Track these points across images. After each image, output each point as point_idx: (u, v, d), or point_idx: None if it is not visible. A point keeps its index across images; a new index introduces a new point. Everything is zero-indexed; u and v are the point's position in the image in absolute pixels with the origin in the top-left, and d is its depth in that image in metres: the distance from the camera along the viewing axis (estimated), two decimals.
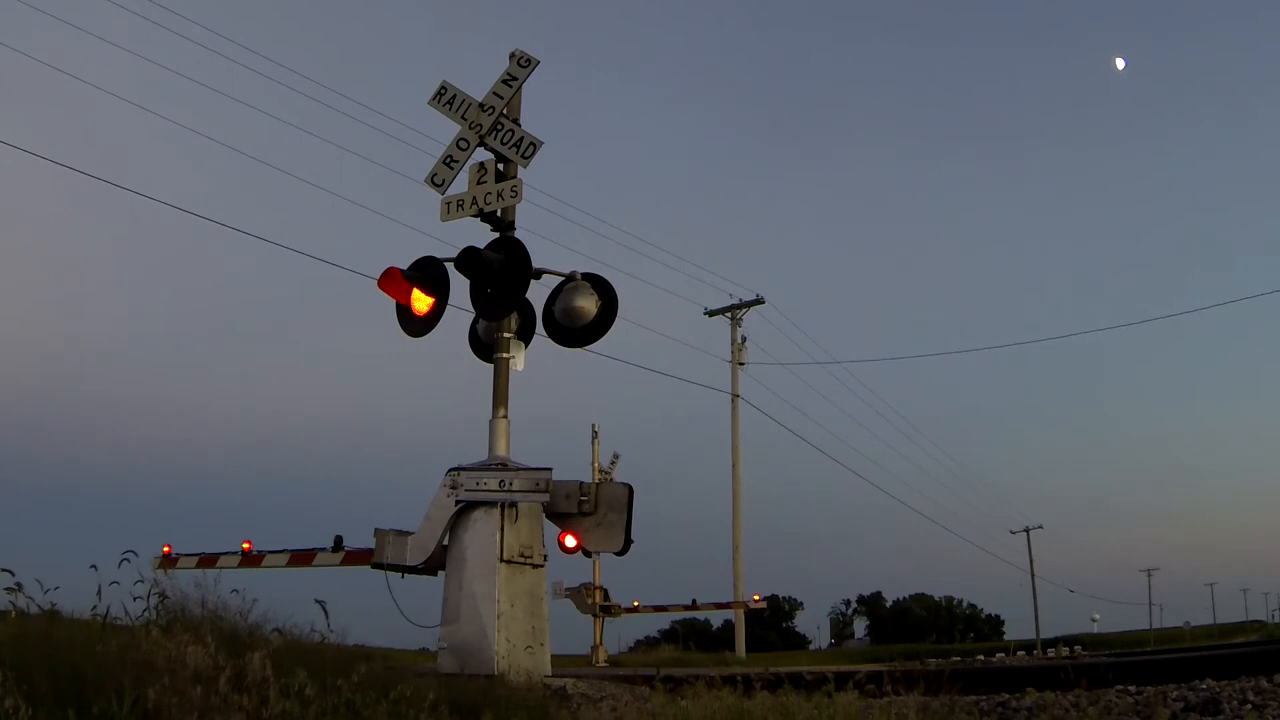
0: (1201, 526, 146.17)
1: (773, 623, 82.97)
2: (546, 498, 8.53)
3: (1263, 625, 77.79)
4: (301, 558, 9.52)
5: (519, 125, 9.59)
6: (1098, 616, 78.61)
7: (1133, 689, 6.10)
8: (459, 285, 9.16)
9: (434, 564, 8.64)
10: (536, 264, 9.21)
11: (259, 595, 6.43)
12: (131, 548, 6.38)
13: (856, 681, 5.96)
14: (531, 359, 9.59)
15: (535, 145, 9.41)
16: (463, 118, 9.66)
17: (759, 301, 36.47)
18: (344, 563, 9.12)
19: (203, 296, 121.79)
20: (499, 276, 8.99)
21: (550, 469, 8.63)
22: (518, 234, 9.51)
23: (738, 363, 35.92)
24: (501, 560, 8.34)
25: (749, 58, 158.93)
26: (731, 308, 36.49)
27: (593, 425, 26.34)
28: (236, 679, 4.60)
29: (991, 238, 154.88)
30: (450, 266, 9.10)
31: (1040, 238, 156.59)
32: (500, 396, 9.07)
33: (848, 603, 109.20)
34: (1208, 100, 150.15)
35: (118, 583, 6.09)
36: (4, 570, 5.59)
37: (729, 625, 39.81)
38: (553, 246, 27.19)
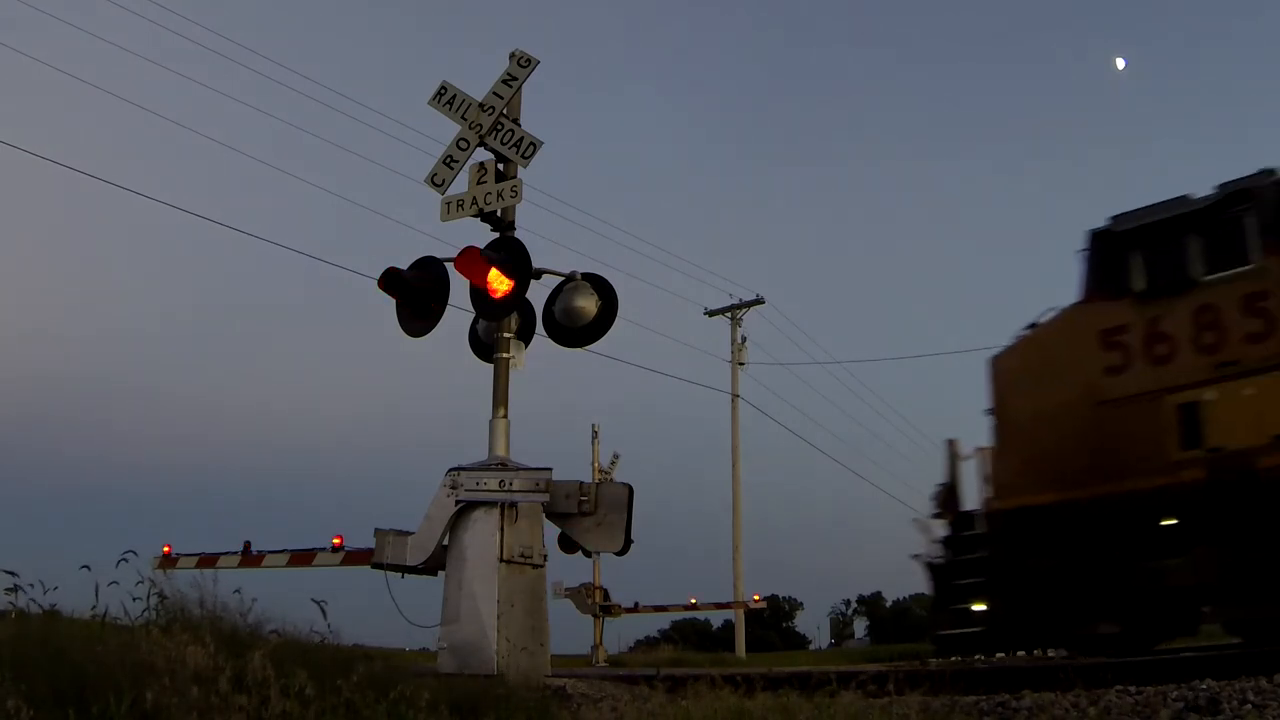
0: None
1: (773, 623, 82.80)
2: (546, 498, 8.52)
3: None
4: (301, 558, 9.52)
5: (519, 125, 9.59)
6: None
7: (1133, 689, 6.09)
8: (459, 285, 9.17)
9: (434, 564, 8.63)
10: (536, 264, 9.20)
11: (259, 595, 6.43)
12: (131, 548, 6.38)
13: (858, 681, 5.96)
14: (531, 359, 9.59)
15: (535, 145, 9.41)
16: (463, 118, 9.65)
17: (759, 301, 36.48)
18: (344, 563, 9.12)
19: (202, 296, 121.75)
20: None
21: (550, 469, 8.63)
22: (518, 234, 9.51)
23: (738, 363, 35.92)
24: (501, 560, 8.34)
25: (750, 58, 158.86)
26: (731, 308, 36.49)
27: (593, 425, 26.41)
28: (237, 679, 4.59)
29: (992, 237, 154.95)
30: (450, 266, 9.09)
31: (1040, 237, 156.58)
32: (500, 396, 9.06)
33: (848, 603, 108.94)
34: (1209, 100, 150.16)
35: (117, 583, 6.09)
36: (6, 571, 5.59)
37: (729, 625, 39.83)
38: (553, 246, 27.20)
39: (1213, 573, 8.73)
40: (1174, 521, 9.08)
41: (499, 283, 8.83)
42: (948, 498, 11.00)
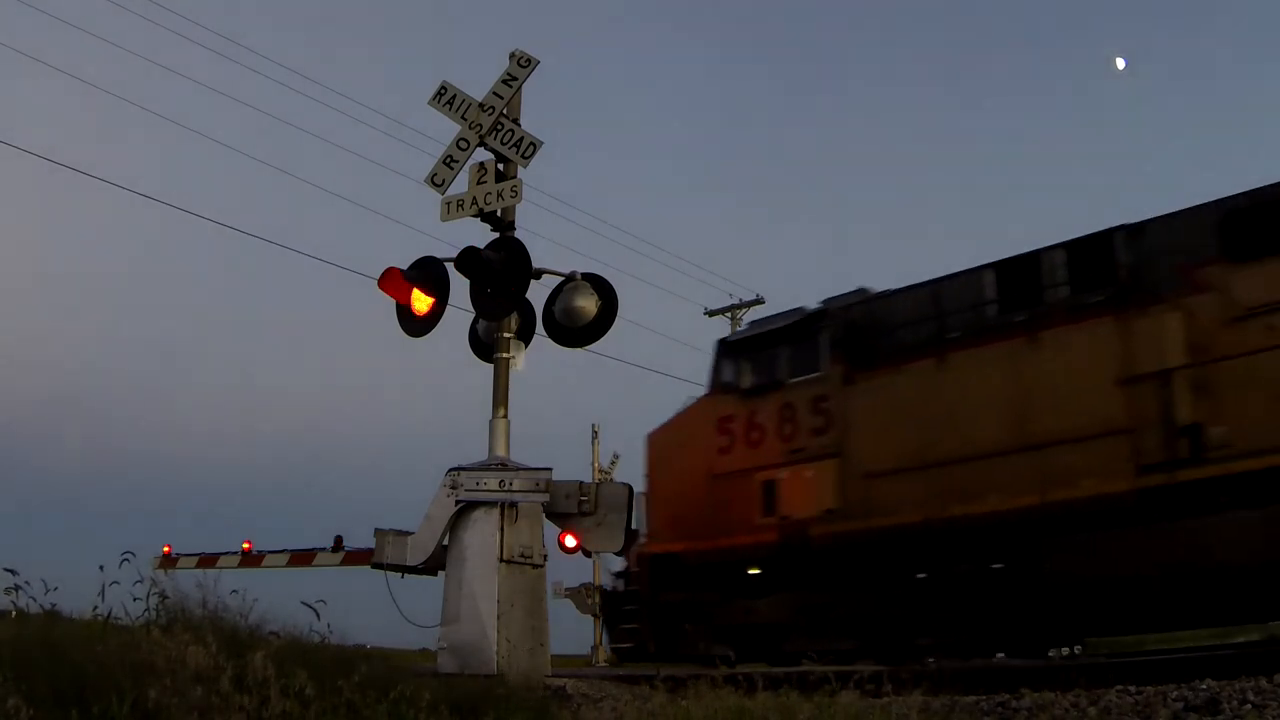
0: None
1: None
2: (546, 498, 8.53)
3: (1263, 625, 77.63)
4: (301, 558, 9.55)
5: (519, 125, 9.59)
6: None
7: (1133, 689, 6.10)
8: (459, 285, 9.17)
9: (434, 564, 8.64)
10: (536, 264, 9.20)
11: (259, 595, 6.44)
12: (131, 548, 6.39)
13: (858, 681, 5.96)
14: (531, 359, 9.59)
15: (535, 145, 9.41)
16: (463, 118, 9.65)
17: (759, 301, 36.24)
18: (344, 563, 9.14)
19: (202, 297, 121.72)
20: (499, 276, 8.99)
21: (550, 469, 8.64)
22: (518, 234, 9.51)
23: None
24: (501, 560, 8.34)
25: (748, 57, 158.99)
26: (731, 308, 36.35)
27: (593, 425, 26.48)
28: (238, 679, 4.59)
29: (992, 238, 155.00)
30: (450, 266, 9.10)
31: (1040, 238, 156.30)
32: (500, 396, 9.07)
33: None
34: (1209, 100, 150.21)
35: (118, 583, 6.10)
36: (8, 570, 5.60)
37: None
38: (553, 246, 27.18)
39: (787, 613, 11.12)
40: (758, 571, 11.61)
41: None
42: (629, 540, 13.28)
